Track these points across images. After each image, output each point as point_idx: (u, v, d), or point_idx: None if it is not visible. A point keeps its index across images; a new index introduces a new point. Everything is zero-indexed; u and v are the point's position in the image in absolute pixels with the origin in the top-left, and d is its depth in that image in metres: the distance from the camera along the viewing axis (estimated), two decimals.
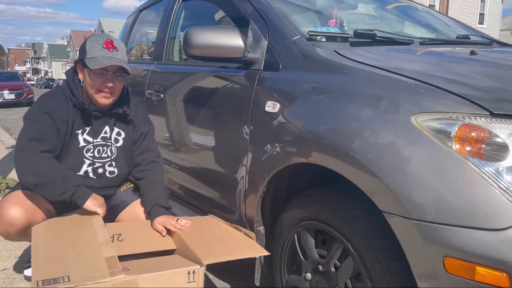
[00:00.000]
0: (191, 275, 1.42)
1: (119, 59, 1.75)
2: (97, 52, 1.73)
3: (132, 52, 3.36)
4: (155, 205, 1.80)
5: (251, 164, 1.62)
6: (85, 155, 1.84)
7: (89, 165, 1.86)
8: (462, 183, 0.98)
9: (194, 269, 1.42)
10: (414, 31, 2.31)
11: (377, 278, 1.17)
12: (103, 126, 1.87)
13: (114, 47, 1.76)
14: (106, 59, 1.72)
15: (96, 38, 1.78)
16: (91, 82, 1.76)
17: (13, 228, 1.70)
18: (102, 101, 1.79)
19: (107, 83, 1.76)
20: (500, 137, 0.99)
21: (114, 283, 1.31)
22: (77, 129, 1.82)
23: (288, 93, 1.51)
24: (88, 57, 1.73)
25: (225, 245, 1.60)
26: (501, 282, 0.92)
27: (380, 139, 1.14)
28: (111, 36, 1.81)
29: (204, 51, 1.69)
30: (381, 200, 1.11)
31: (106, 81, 1.75)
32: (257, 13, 1.79)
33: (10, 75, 17.33)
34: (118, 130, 1.91)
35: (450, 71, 1.28)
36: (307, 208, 1.44)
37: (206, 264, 1.44)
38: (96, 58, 1.72)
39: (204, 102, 1.95)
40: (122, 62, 1.74)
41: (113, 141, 1.90)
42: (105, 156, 1.89)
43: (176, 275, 1.41)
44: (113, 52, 1.75)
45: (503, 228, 0.92)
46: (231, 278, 2.12)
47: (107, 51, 1.74)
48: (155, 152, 1.99)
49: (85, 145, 1.84)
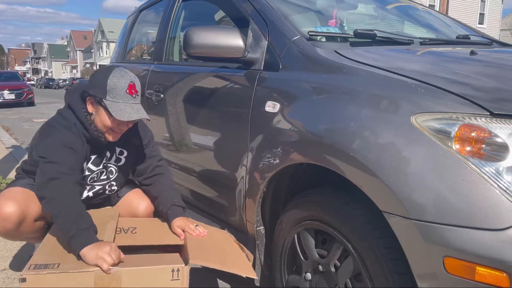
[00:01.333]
0: (175, 273, 1.42)
1: (141, 108, 1.68)
2: (121, 97, 1.63)
3: (132, 52, 3.36)
4: (172, 205, 1.79)
5: (251, 164, 1.62)
6: (87, 182, 1.83)
7: (89, 190, 1.85)
8: (462, 183, 0.98)
9: (178, 267, 1.43)
10: (414, 31, 2.31)
11: (377, 278, 1.17)
12: (105, 151, 1.83)
13: (136, 91, 1.68)
14: (131, 108, 1.64)
15: (118, 78, 1.65)
16: (106, 123, 1.68)
17: (9, 223, 1.68)
18: (111, 139, 1.74)
19: (122, 127, 1.71)
20: (500, 137, 0.99)
21: (97, 274, 1.37)
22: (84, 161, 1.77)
23: (288, 93, 1.51)
24: (108, 99, 1.63)
25: (221, 255, 1.60)
26: (501, 282, 0.92)
27: (380, 139, 1.14)
28: (132, 76, 1.70)
29: (204, 51, 1.69)
30: (381, 200, 1.11)
31: (120, 125, 1.70)
32: (257, 13, 1.79)
33: (10, 75, 17.31)
34: (120, 149, 1.87)
35: (450, 71, 1.28)
36: (307, 208, 1.44)
37: (192, 263, 1.43)
38: (119, 104, 1.63)
39: (204, 102, 1.95)
40: (143, 113, 1.68)
41: (114, 162, 1.86)
42: (105, 178, 1.87)
43: (159, 271, 1.42)
44: (135, 98, 1.67)
45: (503, 228, 0.92)
46: (231, 278, 2.12)
47: (130, 97, 1.65)
48: (157, 156, 1.97)
49: (89, 174, 1.81)
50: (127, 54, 3.34)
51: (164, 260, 1.51)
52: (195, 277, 2.12)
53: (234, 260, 1.61)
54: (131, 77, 1.68)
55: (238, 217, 1.77)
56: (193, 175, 2.13)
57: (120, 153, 1.88)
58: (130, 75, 1.70)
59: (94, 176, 1.83)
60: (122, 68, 1.73)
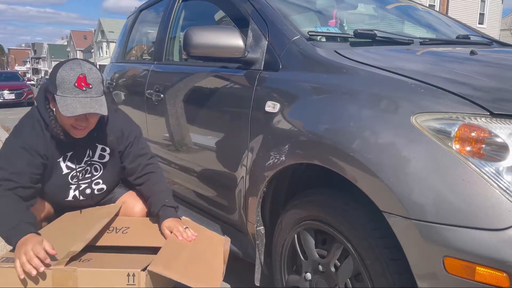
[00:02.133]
0: (131, 278, 1.41)
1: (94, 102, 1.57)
2: (68, 91, 1.55)
3: (132, 52, 3.36)
4: (162, 206, 1.76)
5: (251, 164, 1.62)
6: (70, 181, 1.78)
7: (75, 189, 1.82)
8: (462, 183, 0.98)
9: (134, 272, 1.41)
10: (414, 31, 2.31)
11: (377, 278, 1.17)
12: (85, 148, 1.78)
13: (87, 84, 1.56)
14: (79, 103, 1.55)
15: (67, 71, 1.56)
16: (62, 119, 1.62)
17: None
18: (77, 135, 1.68)
19: (80, 122, 1.63)
20: (500, 137, 0.99)
21: (54, 271, 1.41)
22: (58, 158, 1.73)
23: (288, 93, 1.51)
24: (58, 93, 1.56)
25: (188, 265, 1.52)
26: (501, 282, 0.92)
27: (380, 139, 1.14)
28: (85, 67, 1.59)
29: (204, 51, 1.68)
30: (381, 200, 1.11)
31: (79, 120, 1.62)
32: (257, 13, 1.79)
33: (10, 75, 17.32)
34: (101, 146, 1.82)
35: (450, 71, 1.28)
36: (307, 208, 1.44)
37: (149, 270, 1.41)
38: (67, 99, 1.55)
39: (204, 102, 1.95)
40: (97, 106, 1.57)
41: (97, 159, 1.82)
42: (89, 176, 1.82)
43: (114, 275, 1.42)
44: (86, 91, 1.56)
45: (503, 228, 0.92)
46: (231, 278, 2.12)
47: (80, 90, 1.55)
48: (147, 154, 1.91)
49: (69, 171, 1.77)
50: (127, 54, 3.34)
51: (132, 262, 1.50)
52: None
53: (201, 273, 1.53)
54: (83, 69, 1.58)
55: (238, 217, 1.77)
56: (193, 175, 2.13)
57: (102, 150, 1.83)
58: (84, 66, 1.59)
59: (76, 174, 1.78)
60: (76, 59, 1.64)
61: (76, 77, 1.56)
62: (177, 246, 1.61)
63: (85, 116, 1.62)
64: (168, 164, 2.35)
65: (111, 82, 3.14)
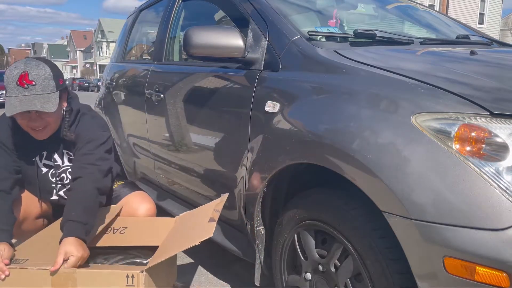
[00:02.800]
0: (130, 279, 1.41)
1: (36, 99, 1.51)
2: (12, 90, 1.52)
3: (132, 52, 3.36)
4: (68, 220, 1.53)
5: (251, 164, 1.62)
6: (51, 180, 1.77)
7: (60, 189, 1.81)
8: (462, 183, 0.98)
9: (133, 273, 1.41)
10: (414, 31, 2.31)
11: (377, 278, 1.17)
12: (54, 152, 1.75)
13: (29, 82, 1.52)
14: (19, 102, 1.50)
15: (11, 70, 1.53)
16: (19, 122, 1.59)
17: None
18: (38, 137, 1.64)
19: (33, 124, 1.58)
20: (500, 137, 0.99)
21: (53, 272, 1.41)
22: (33, 156, 1.72)
23: (288, 93, 1.51)
24: (7, 95, 1.53)
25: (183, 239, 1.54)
26: (501, 282, 0.92)
27: (380, 139, 1.14)
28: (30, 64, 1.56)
29: (204, 51, 1.68)
30: (381, 200, 1.11)
31: (31, 122, 1.58)
32: (257, 13, 1.79)
33: None
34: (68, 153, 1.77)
35: (450, 71, 1.28)
36: (307, 208, 1.44)
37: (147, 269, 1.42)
38: (11, 99, 1.51)
39: (204, 102, 1.95)
40: (38, 103, 1.51)
41: (68, 162, 1.79)
42: (67, 182, 1.79)
43: (114, 276, 1.42)
44: (28, 89, 1.51)
45: (503, 228, 0.92)
46: (231, 278, 2.12)
47: (22, 89, 1.51)
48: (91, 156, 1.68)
49: (48, 170, 1.76)
50: (127, 54, 3.34)
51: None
52: (195, 277, 2.13)
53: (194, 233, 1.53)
54: (26, 66, 1.54)
55: (238, 217, 1.77)
56: (193, 175, 2.13)
57: (69, 160, 1.77)
58: (29, 64, 1.56)
59: (54, 172, 1.76)
60: (29, 58, 1.62)
61: (18, 76, 1.52)
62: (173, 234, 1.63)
63: (36, 116, 1.57)
64: (168, 164, 2.35)
65: (111, 82, 3.14)
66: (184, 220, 1.78)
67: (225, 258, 2.30)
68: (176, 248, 1.50)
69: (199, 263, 2.28)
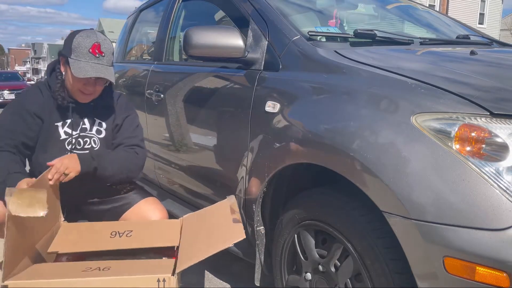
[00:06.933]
0: (161, 283, 1.39)
1: (104, 69, 1.70)
2: (83, 56, 1.69)
3: (132, 52, 3.36)
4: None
5: (251, 164, 1.62)
6: (66, 147, 1.82)
7: None
8: (462, 183, 0.98)
9: (164, 277, 1.39)
10: (414, 31, 2.31)
11: (377, 278, 1.17)
12: (83, 118, 1.84)
13: (100, 52, 1.70)
14: (91, 67, 1.68)
15: (83, 38, 1.71)
16: (72, 83, 1.73)
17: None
18: (82, 99, 1.78)
19: (88, 87, 1.74)
20: (500, 137, 0.99)
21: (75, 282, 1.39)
22: (57, 121, 1.80)
23: (288, 93, 1.51)
24: (73, 57, 1.70)
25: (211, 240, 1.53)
26: (501, 282, 0.92)
27: (380, 139, 1.14)
28: (100, 37, 1.75)
29: (204, 51, 1.68)
30: (381, 200, 1.11)
31: (87, 85, 1.74)
32: (257, 13, 1.79)
33: (10, 75, 17.34)
34: (99, 121, 1.88)
35: (450, 71, 1.28)
36: (307, 208, 1.44)
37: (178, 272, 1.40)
38: (80, 62, 1.68)
39: (204, 102, 1.95)
40: (107, 73, 1.71)
41: (95, 133, 1.86)
42: (89, 147, 1.85)
43: (145, 281, 1.40)
44: (99, 58, 1.70)
45: (503, 228, 0.92)
46: (231, 278, 2.12)
47: (93, 56, 1.69)
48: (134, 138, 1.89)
49: (66, 137, 1.81)
50: (127, 54, 3.34)
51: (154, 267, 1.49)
52: (195, 277, 2.13)
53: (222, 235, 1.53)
54: (98, 38, 1.72)
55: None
56: (193, 175, 2.13)
57: (99, 125, 1.87)
58: (99, 36, 1.74)
59: (72, 140, 1.81)
60: (92, 30, 1.79)
61: (92, 44, 1.70)
62: (192, 235, 1.62)
63: (94, 82, 1.74)
64: (168, 164, 2.35)
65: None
66: (199, 221, 1.74)
67: (225, 258, 2.30)
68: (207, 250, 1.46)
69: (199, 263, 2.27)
